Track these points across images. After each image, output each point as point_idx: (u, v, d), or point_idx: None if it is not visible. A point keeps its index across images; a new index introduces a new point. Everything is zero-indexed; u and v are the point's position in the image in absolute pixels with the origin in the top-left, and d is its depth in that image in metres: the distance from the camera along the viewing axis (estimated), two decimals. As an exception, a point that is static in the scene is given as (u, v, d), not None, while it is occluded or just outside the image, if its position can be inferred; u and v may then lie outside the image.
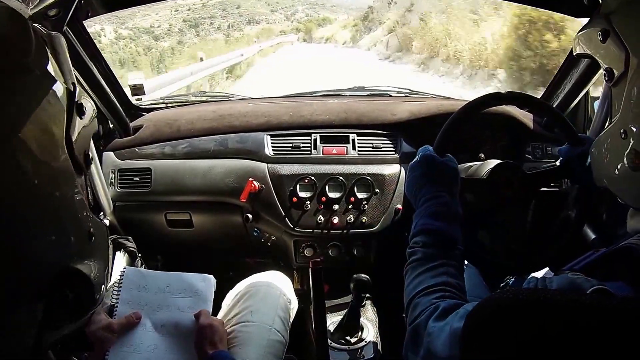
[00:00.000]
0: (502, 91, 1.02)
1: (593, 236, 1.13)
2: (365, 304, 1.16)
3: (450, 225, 0.73)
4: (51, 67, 0.44)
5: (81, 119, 0.46)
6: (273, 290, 1.02)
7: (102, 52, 1.16)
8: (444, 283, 0.65)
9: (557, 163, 1.12)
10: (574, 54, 0.78)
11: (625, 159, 0.54)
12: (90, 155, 0.48)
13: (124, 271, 0.89)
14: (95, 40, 1.12)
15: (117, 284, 0.88)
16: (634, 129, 0.54)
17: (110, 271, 1.18)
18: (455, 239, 0.71)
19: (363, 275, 1.03)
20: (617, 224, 1.02)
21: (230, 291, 1.04)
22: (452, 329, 0.54)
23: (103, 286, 0.49)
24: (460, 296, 0.64)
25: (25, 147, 0.37)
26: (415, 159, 0.86)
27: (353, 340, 1.08)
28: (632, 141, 0.54)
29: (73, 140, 0.43)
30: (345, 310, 1.10)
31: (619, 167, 0.56)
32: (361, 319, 1.10)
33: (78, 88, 0.46)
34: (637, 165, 0.53)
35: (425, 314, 0.61)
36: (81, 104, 0.46)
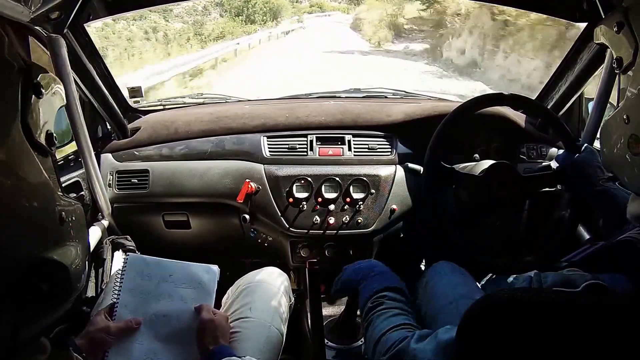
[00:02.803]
0: (496, 92, 1.03)
1: (587, 236, 1.13)
2: None
3: (392, 279, 0.87)
4: None
5: (39, 97, 0.43)
6: (272, 287, 1.02)
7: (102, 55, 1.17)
8: (411, 324, 0.74)
9: (553, 166, 1.13)
10: (594, 42, 0.81)
11: (626, 143, 0.57)
12: (54, 134, 0.45)
13: (127, 258, 0.88)
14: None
15: (119, 272, 0.87)
16: (635, 115, 0.57)
17: (110, 271, 1.19)
18: (401, 288, 0.86)
19: None
20: (612, 223, 1.02)
21: (230, 288, 1.05)
22: (439, 341, 0.56)
23: (83, 275, 0.46)
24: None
25: None
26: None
27: (349, 339, 1.09)
28: (632, 126, 0.57)
29: (31, 123, 0.41)
30: (342, 309, 1.11)
31: (621, 150, 0.59)
32: (357, 318, 1.11)
33: (33, 65, 0.44)
34: (636, 149, 0.55)
35: (403, 343, 0.66)
36: (38, 82, 0.43)
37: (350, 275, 0.95)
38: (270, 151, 1.24)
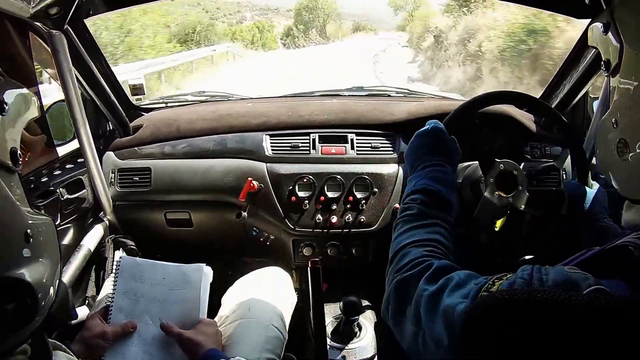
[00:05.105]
0: (500, 90, 1.02)
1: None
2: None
3: (449, 191, 0.73)
4: None
5: (2, 115, 0.43)
6: (272, 287, 1.02)
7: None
8: (436, 240, 0.65)
9: (557, 166, 1.12)
10: (589, 43, 0.79)
11: (615, 147, 0.56)
12: (19, 152, 0.45)
13: (119, 260, 0.88)
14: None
15: (113, 275, 0.87)
16: (622, 119, 0.56)
17: (110, 270, 1.19)
18: (452, 204, 0.72)
19: (352, 297, 1.02)
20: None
21: (231, 287, 1.04)
22: (444, 306, 0.53)
23: (51, 288, 0.46)
24: (449, 257, 0.64)
25: None
26: (424, 127, 0.87)
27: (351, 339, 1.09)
28: (620, 130, 0.56)
29: None
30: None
31: (611, 154, 0.58)
32: (359, 319, 1.10)
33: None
34: (624, 153, 0.55)
35: (417, 269, 0.60)
36: (1, 99, 0.43)
37: (409, 151, 0.84)
38: (272, 149, 1.24)
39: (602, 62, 0.65)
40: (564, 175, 1.24)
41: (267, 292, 1.00)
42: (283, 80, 8.02)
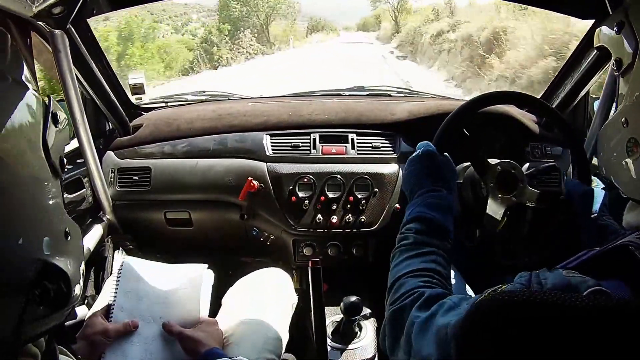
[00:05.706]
0: (501, 90, 1.02)
1: None
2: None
3: (445, 217, 0.74)
4: (25, 77, 0.46)
5: (56, 127, 0.48)
6: (272, 287, 1.02)
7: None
8: (432, 270, 0.65)
9: (562, 187, 1.12)
10: (594, 45, 0.79)
11: (625, 146, 0.56)
12: (65, 160, 0.50)
13: (123, 261, 0.89)
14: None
15: (116, 275, 0.88)
16: (633, 118, 0.56)
17: (110, 270, 1.19)
18: (448, 231, 0.72)
19: (353, 297, 1.02)
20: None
21: (231, 288, 1.04)
22: (436, 326, 0.53)
23: (78, 285, 0.50)
24: (446, 286, 0.64)
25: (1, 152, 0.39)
26: (415, 153, 0.87)
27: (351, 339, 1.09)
28: (631, 129, 0.56)
29: (50, 146, 0.46)
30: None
31: (619, 154, 0.58)
32: (359, 319, 1.10)
33: (52, 99, 0.49)
34: (635, 152, 0.54)
35: (410, 299, 0.60)
36: (56, 113, 0.48)
37: (404, 180, 0.85)
38: (273, 149, 1.24)
39: (614, 61, 0.65)
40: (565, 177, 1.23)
41: (267, 293, 1.00)
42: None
